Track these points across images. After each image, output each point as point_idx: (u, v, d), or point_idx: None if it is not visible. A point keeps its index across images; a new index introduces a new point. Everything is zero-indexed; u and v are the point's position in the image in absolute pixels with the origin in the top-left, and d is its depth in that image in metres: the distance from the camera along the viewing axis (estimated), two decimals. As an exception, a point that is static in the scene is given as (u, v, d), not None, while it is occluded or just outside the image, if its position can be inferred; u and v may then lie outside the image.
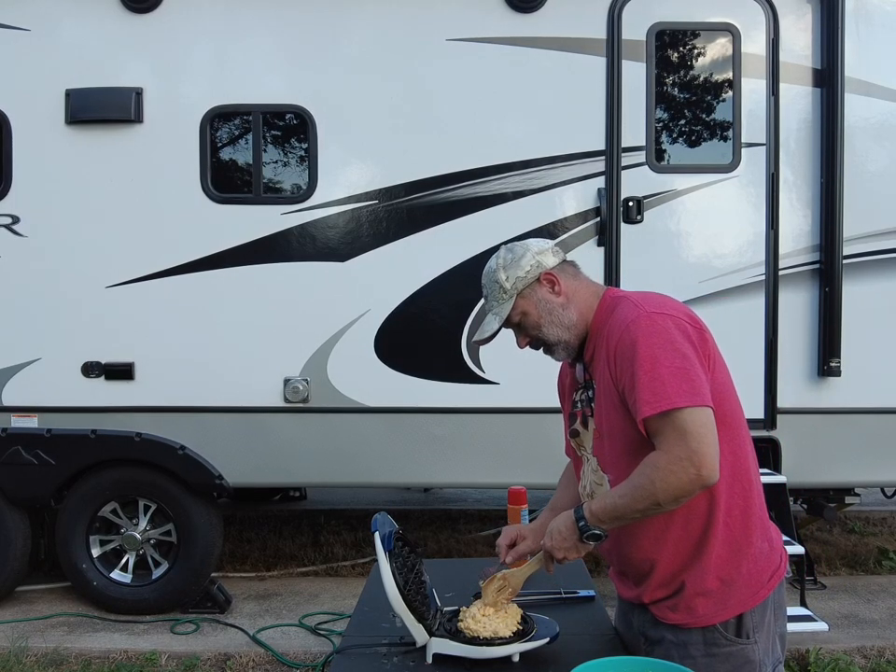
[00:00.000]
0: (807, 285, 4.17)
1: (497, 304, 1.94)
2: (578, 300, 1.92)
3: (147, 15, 4.17)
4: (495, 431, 4.19)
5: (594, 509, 1.78)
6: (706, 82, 4.23)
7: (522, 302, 1.92)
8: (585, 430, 1.97)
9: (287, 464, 4.27)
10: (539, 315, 1.91)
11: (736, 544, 1.81)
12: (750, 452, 1.87)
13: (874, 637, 3.99)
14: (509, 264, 1.93)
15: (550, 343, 1.93)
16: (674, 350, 1.71)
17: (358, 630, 2.16)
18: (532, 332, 1.94)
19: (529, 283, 1.92)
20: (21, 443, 4.20)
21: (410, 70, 4.19)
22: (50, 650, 3.91)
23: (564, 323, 1.90)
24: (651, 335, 1.73)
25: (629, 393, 1.74)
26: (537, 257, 1.93)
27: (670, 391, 1.67)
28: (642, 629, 1.94)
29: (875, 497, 5.23)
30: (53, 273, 4.21)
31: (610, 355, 1.80)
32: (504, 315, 1.92)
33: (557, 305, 1.91)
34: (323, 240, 4.20)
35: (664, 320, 1.75)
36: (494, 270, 1.94)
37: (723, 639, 1.80)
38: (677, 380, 1.68)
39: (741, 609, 1.80)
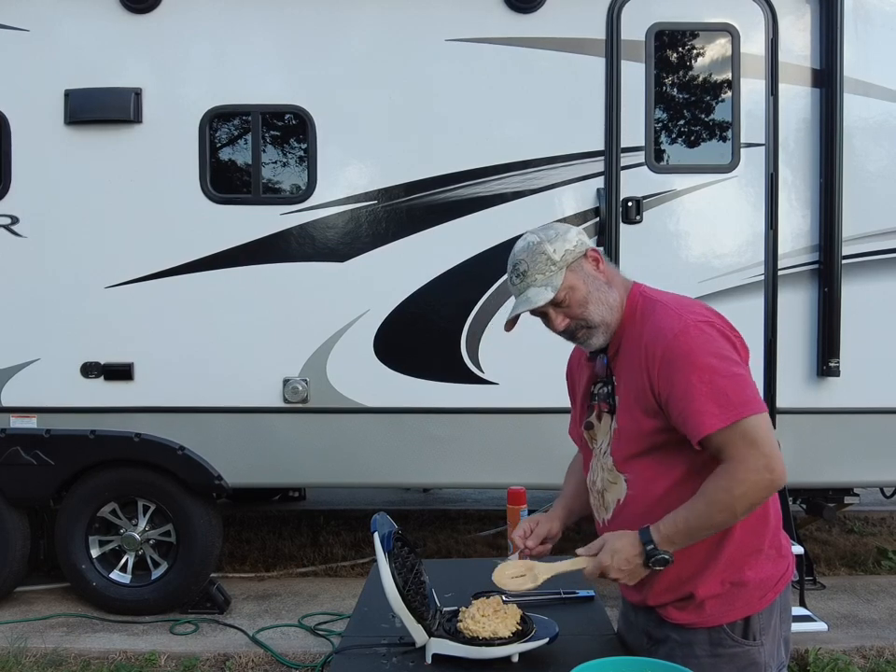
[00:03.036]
0: (806, 285, 4.17)
1: (543, 277, 1.82)
2: (615, 284, 1.88)
3: (147, 15, 4.16)
4: (494, 431, 4.19)
5: (665, 531, 1.71)
6: (705, 82, 4.23)
7: (570, 276, 1.83)
8: (599, 424, 1.95)
9: (286, 464, 4.26)
10: (588, 290, 1.83)
11: (748, 550, 1.81)
12: None
13: (873, 637, 3.99)
14: (554, 238, 1.84)
15: (593, 325, 1.85)
16: (727, 359, 1.72)
17: (358, 630, 2.15)
18: (577, 310, 1.84)
19: (577, 257, 1.84)
20: (20, 444, 4.20)
21: (409, 70, 4.18)
22: (50, 650, 3.91)
23: (609, 302, 1.84)
24: (703, 345, 1.72)
25: (680, 405, 1.72)
26: (579, 235, 1.88)
27: (734, 401, 1.68)
28: (646, 628, 1.93)
29: (874, 497, 5.24)
30: (52, 273, 4.21)
31: (653, 363, 1.76)
32: (557, 285, 1.81)
33: (603, 282, 1.86)
34: (322, 240, 4.20)
35: (710, 329, 1.75)
36: (536, 243, 1.83)
37: (730, 640, 1.80)
38: (737, 389, 1.69)
39: (749, 611, 1.80)
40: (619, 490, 1.89)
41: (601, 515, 1.96)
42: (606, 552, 1.76)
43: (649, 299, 1.87)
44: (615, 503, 1.90)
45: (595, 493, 1.97)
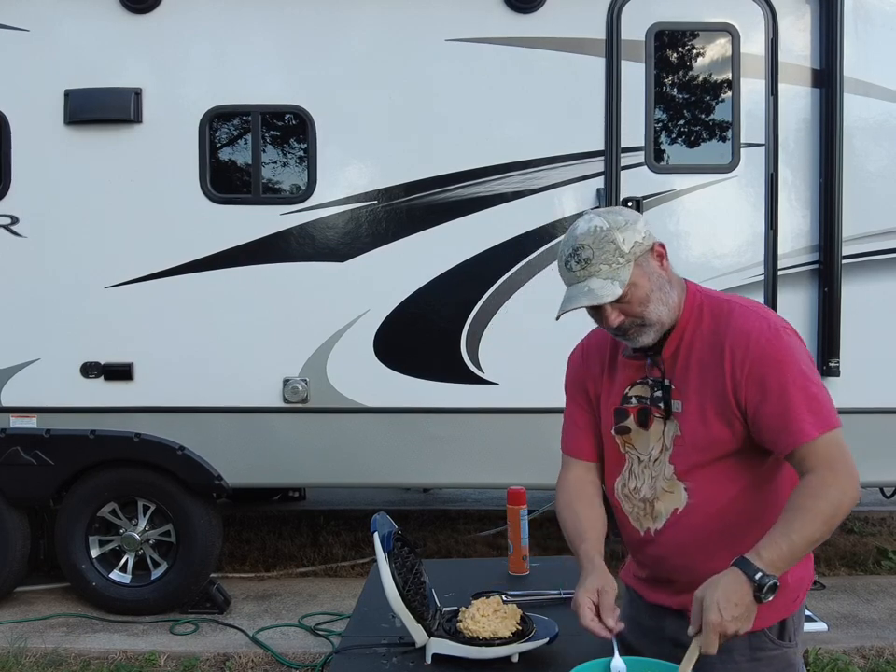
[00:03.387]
0: (806, 285, 4.17)
1: (608, 269, 1.68)
2: (674, 283, 1.78)
3: (147, 15, 4.16)
4: (494, 431, 4.19)
5: (769, 557, 1.54)
6: (705, 82, 4.23)
7: (636, 271, 1.70)
8: (643, 430, 1.82)
9: (286, 464, 4.26)
10: (651, 288, 1.71)
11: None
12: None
13: (873, 637, 3.99)
14: (623, 226, 1.71)
15: (648, 323, 1.73)
16: (813, 369, 1.67)
17: (358, 630, 2.16)
18: (636, 308, 1.71)
19: (645, 251, 1.73)
20: (20, 444, 4.20)
21: (409, 70, 4.18)
22: (49, 650, 3.91)
23: (669, 302, 1.74)
24: (794, 352, 1.66)
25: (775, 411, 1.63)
26: (646, 226, 1.75)
27: (827, 411, 1.63)
28: (675, 635, 1.77)
29: (874, 497, 5.24)
30: (52, 273, 4.21)
31: (740, 366, 1.67)
32: (626, 280, 1.68)
33: (666, 280, 1.75)
34: (322, 240, 4.20)
35: (795, 337, 1.70)
36: (605, 229, 1.69)
37: (769, 643, 1.76)
38: (827, 399, 1.65)
39: (785, 613, 1.77)
40: (676, 499, 1.78)
41: (646, 525, 1.84)
42: (710, 610, 1.51)
43: (716, 298, 1.79)
44: (670, 512, 1.79)
45: (636, 501, 1.84)
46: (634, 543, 1.91)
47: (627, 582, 2.03)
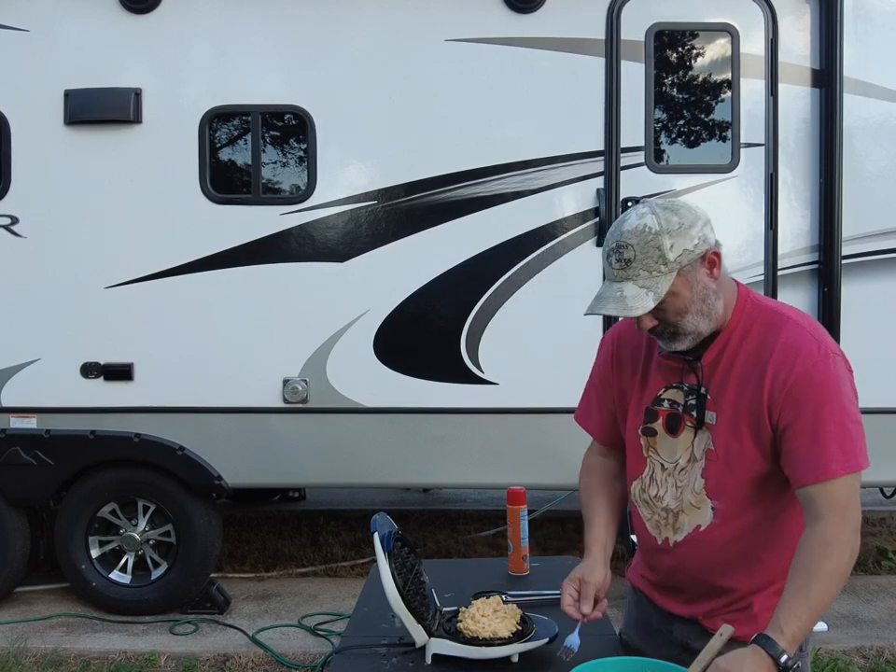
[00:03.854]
0: (806, 285, 4.17)
1: (647, 275, 1.56)
2: (725, 290, 1.66)
3: (146, 15, 4.16)
4: (494, 432, 4.19)
5: (790, 631, 1.47)
6: (704, 82, 4.23)
7: (679, 281, 1.58)
8: (669, 436, 1.77)
9: (286, 464, 4.26)
10: (692, 300, 1.60)
11: None
12: None
13: (873, 637, 4.00)
14: (676, 230, 1.56)
15: (683, 333, 1.64)
16: (855, 405, 1.60)
17: (358, 630, 2.15)
18: (672, 317, 1.62)
19: (693, 260, 1.58)
20: (20, 444, 4.20)
21: (409, 70, 4.18)
22: (49, 650, 3.91)
23: (710, 314, 1.63)
24: (840, 383, 1.59)
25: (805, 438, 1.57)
26: (704, 229, 1.60)
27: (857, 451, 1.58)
28: (684, 640, 1.80)
29: (874, 497, 5.23)
30: (52, 273, 4.21)
31: (781, 384, 1.59)
32: (662, 293, 1.56)
33: (711, 292, 1.62)
34: (322, 240, 4.20)
35: (845, 367, 1.62)
36: (656, 232, 1.56)
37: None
38: (860, 439, 1.59)
39: None
40: (702, 516, 1.73)
41: (665, 534, 1.79)
42: None
43: (769, 309, 1.69)
44: (693, 527, 1.74)
45: (658, 509, 1.80)
46: (648, 548, 1.88)
47: (634, 583, 2.01)
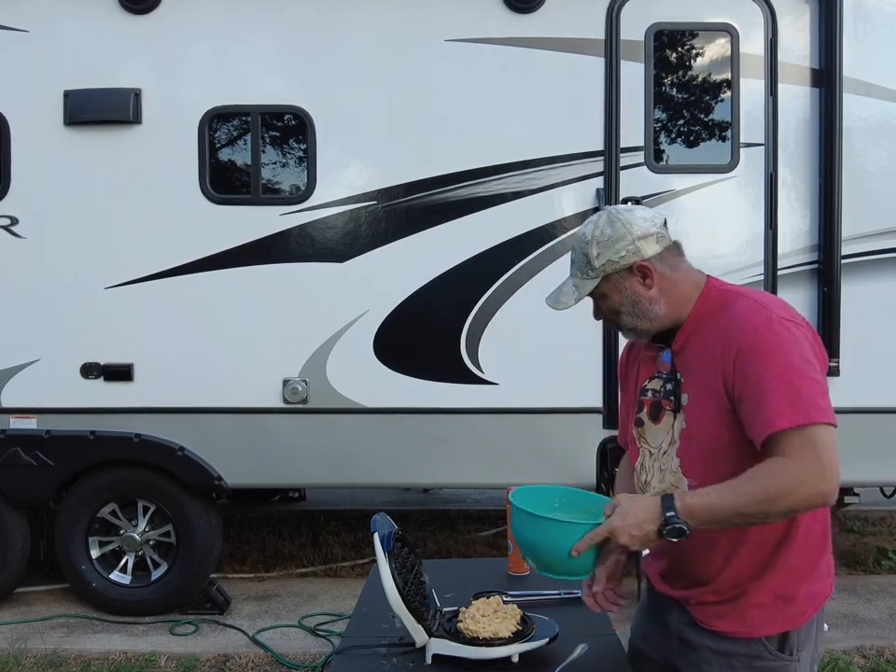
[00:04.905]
0: (806, 285, 4.17)
1: (579, 276, 1.77)
2: (672, 293, 1.77)
3: (146, 16, 4.16)
4: (494, 432, 4.19)
5: (691, 503, 1.58)
6: (704, 82, 4.23)
7: (606, 285, 1.76)
8: (652, 423, 1.85)
9: (286, 465, 4.26)
10: (621, 303, 1.77)
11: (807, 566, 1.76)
12: None
13: (873, 636, 4.00)
14: (604, 241, 1.73)
15: (625, 329, 1.83)
16: (808, 363, 1.62)
17: (358, 631, 2.16)
18: (608, 315, 1.83)
19: (620, 269, 1.74)
20: (20, 444, 4.20)
21: (408, 70, 4.18)
22: (49, 651, 3.91)
23: (646, 316, 1.77)
24: (786, 342, 1.63)
25: (753, 399, 1.62)
26: (637, 242, 1.73)
27: (808, 405, 1.57)
28: (679, 630, 1.85)
29: (874, 497, 5.23)
30: (52, 274, 4.21)
31: (730, 354, 1.66)
32: (583, 294, 1.78)
33: (644, 298, 1.76)
34: (322, 240, 4.20)
35: (797, 329, 1.66)
36: (587, 241, 1.75)
37: (767, 653, 1.74)
38: (814, 395, 1.59)
39: (789, 626, 1.75)
40: None
41: None
42: (618, 514, 1.62)
43: (729, 292, 1.78)
44: None
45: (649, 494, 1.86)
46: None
47: (646, 571, 2.03)
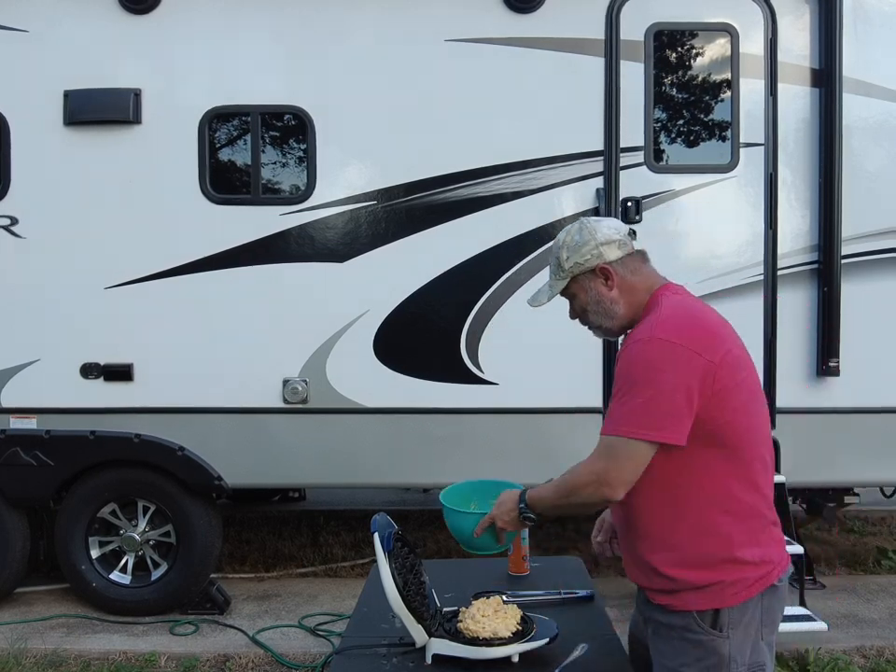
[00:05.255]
0: (806, 284, 4.17)
1: (552, 279, 2.07)
2: (630, 295, 2.00)
3: (146, 16, 4.16)
4: (494, 431, 4.19)
5: (531, 495, 2.00)
6: (704, 82, 4.23)
7: (574, 286, 2.04)
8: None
9: (286, 465, 4.26)
10: (587, 301, 2.03)
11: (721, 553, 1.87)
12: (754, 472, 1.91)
13: (873, 636, 4.00)
14: (572, 246, 2.02)
15: (593, 327, 2.09)
16: (652, 382, 1.81)
17: (358, 631, 2.16)
18: (579, 314, 2.09)
19: (585, 270, 2.01)
20: (20, 444, 4.20)
21: (408, 70, 4.18)
22: (50, 651, 3.91)
23: (609, 314, 2.02)
24: (639, 363, 1.86)
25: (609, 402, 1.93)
26: (600, 247, 1.99)
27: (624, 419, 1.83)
28: (641, 608, 2.07)
29: (874, 497, 5.23)
30: (52, 274, 4.20)
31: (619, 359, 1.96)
32: (555, 293, 2.06)
33: (606, 298, 2.01)
34: (322, 240, 4.20)
35: (663, 348, 1.83)
36: (560, 245, 2.05)
37: (697, 627, 1.88)
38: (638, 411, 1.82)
39: (719, 604, 1.87)
40: None
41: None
42: (496, 505, 2.06)
43: (659, 304, 1.96)
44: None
45: None
46: None
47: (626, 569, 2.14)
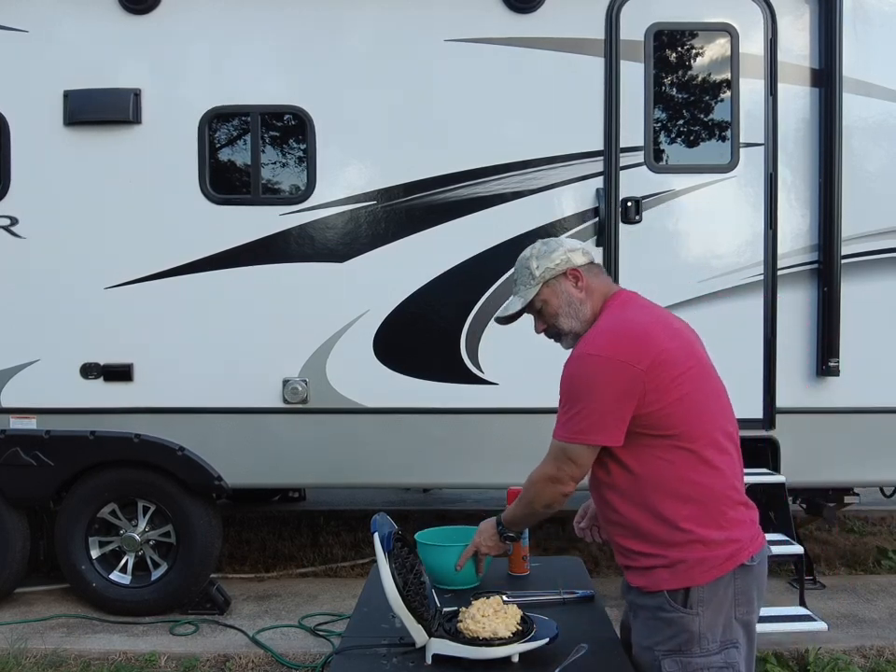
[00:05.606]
0: (806, 284, 4.17)
1: (523, 288, 2.17)
2: (594, 299, 2.14)
3: (146, 16, 4.16)
4: (494, 432, 4.19)
5: (504, 516, 2.27)
6: (704, 82, 4.23)
7: (546, 291, 2.15)
8: None
9: (285, 465, 4.26)
10: (560, 305, 2.14)
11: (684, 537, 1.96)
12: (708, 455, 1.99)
13: (873, 636, 3.99)
14: (541, 255, 2.16)
15: (562, 332, 2.16)
16: (585, 394, 1.98)
17: (358, 631, 2.16)
18: (550, 320, 2.17)
19: (556, 274, 2.14)
20: (20, 445, 4.20)
21: (408, 70, 4.18)
22: (49, 651, 3.91)
23: (579, 317, 2.13)
24: (574, 377, 2.02)
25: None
26: (568, 253, 2.16)
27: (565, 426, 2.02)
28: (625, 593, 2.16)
29: (874, 497, 5.23)
30: (52, 274, 4.20)
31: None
32: (528, 298, 2.15)
33: (576, 299, 2.13)
34: (322, 240, 4.20)
35: (594, 363, 1.98)
36: (527, 257, 2.18)
37: (669, 606, 1.96)
38: (575, 419, 1.99)
39: (689, 583, 1.95)
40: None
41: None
42: (477, 533, 2.33)
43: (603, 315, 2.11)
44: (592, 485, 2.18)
45: None
46: None
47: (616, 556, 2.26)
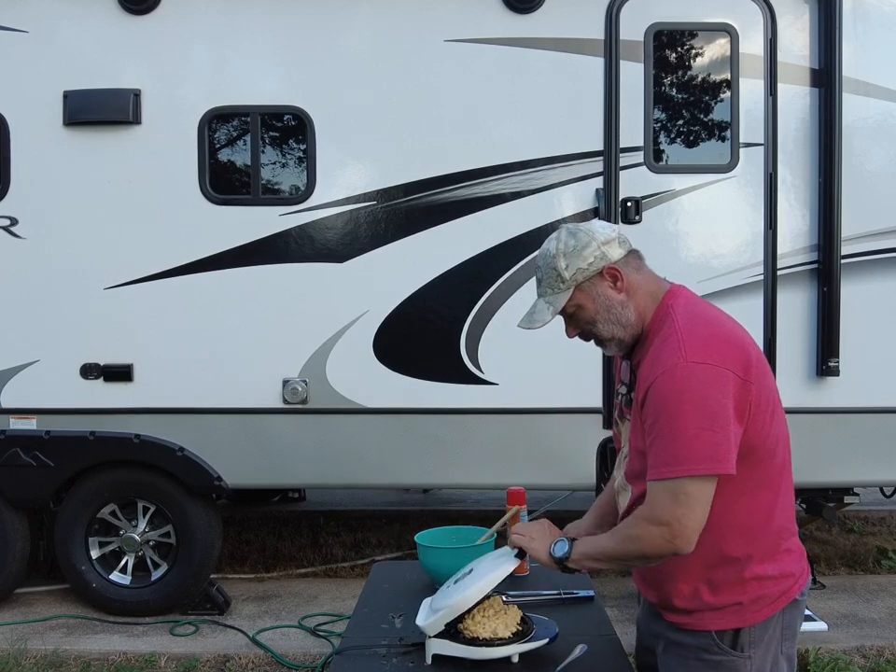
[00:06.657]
0: (806, 284, 4.17)
1: (551, 293, 1.83)
2: (638, 298, 1.82)
3: (145, 16, 4.16)
4: (494, 432, 4.19)
5: (582, 550, 1.82)
6: (703, 82, 4.23)
7: (579, 295, 1.82)
8: (621, 424, 1.95)
9: (285, 465, 4.26)
10: (596, 310, 1.82)
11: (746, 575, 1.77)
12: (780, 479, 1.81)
13: (873, 636, 4.00)
14: (570, 252, 1.81)
15: (603, 339, 1.85)
16: (703, 409, 1.65)
17: (358, 631, 2.16)
18: (585, 326, 1.86)
19: (590, 276, 1.81)
20: (19, 445, 4.20)
21: (408, 71, 4.18)
22: (49, 651, 3.92)
23: (621, 321, 1.82)
24: (684, 391, 1.66)
25: (648, 438, 1.71)
26: (602, 248, 1.80)
27: (682, 457, 1.64)
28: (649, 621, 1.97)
29: (874, 497, 5.23)
30: (52, 274, 4.20)
31: (643, 387, 1.74)
32: (559, 307, 1.83)
33: (617, 303, 1.81)
34: (321, 241, 4.20)
35: (704, 373, 1.66)
36: (553, 255, 1.82)
37: (716, 647, 1.78)
38: (695, 444, 1.64)
39: (740, 623, 1.78)
40: (625, 498, 1.89)
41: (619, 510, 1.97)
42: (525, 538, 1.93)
43: (671, 317, 1.79)
44: (623, 508, 1.91)
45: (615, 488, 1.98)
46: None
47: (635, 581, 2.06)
